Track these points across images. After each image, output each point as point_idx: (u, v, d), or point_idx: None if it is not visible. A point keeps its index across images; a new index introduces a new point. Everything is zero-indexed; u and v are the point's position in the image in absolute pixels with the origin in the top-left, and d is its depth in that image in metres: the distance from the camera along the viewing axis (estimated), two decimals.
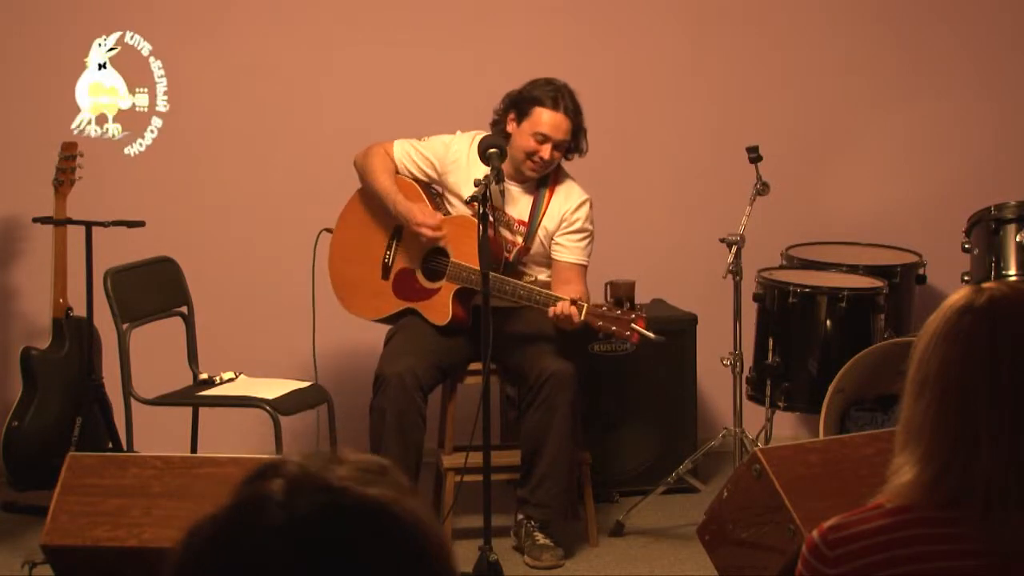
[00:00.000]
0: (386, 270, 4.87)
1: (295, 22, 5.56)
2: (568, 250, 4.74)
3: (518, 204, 4.74)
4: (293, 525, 1.17)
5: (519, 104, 4.70)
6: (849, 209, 5.84)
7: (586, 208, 4.76)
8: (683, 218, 5.78)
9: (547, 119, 4.65)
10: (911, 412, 1.87)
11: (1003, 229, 5.08)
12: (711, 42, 5.80)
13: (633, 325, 4.34)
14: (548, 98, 4.66)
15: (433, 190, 4.87)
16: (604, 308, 4.40)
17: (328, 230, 4.95)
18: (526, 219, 4.74)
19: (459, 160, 4.75)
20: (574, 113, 4.68)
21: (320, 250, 4.94)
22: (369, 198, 4.89)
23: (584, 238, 4.75)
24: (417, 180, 4.84)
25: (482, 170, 4.46)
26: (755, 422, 5.10)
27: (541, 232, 4.75)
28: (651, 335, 4.36)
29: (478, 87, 5.15)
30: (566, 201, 4.75)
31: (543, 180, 4.78)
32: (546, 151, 4.64)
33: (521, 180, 4.75)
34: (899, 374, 1.96)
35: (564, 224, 4.74)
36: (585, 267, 4.75)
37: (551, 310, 4.46)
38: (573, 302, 4.44)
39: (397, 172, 4.84)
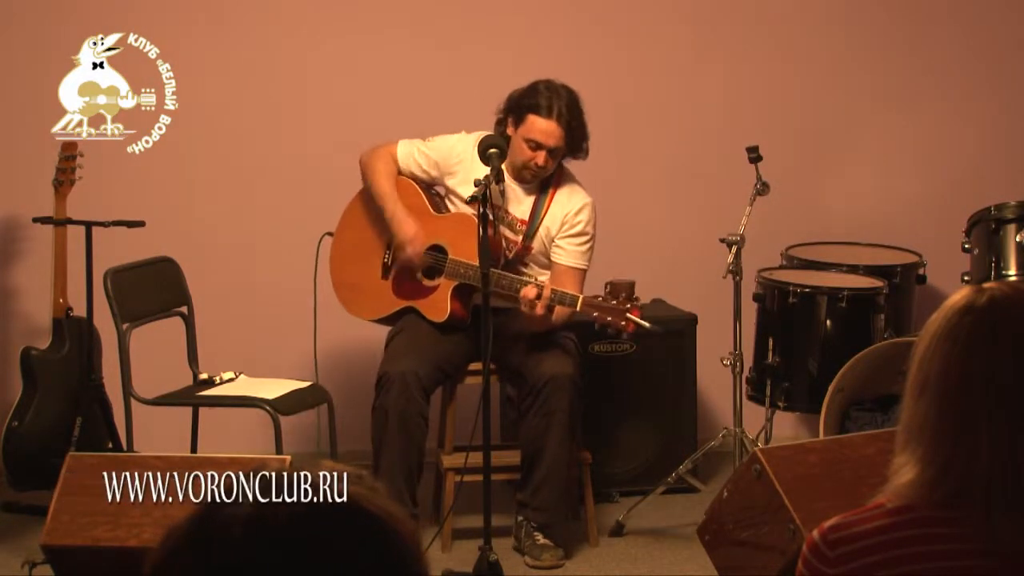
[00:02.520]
0: (386, 270, 4.88)
1: (296, 23, 5.56)
2: (567, 253, 4.74)
3: (521, 203, 4.75)
4: (262, 514, 1.20)
5: (516, 109, 4.70)
6: (849, 209, 5.84)
7: (588, 211, 4.75)
8: (683, 218, 5.77)
9: (539, 127, 4.64)
10: (911, 412, 1.87)
11: (1003, 229, 5.08)
12: (712, 42, 5.80)
13: (628, 315, 4.34)
14: (542, 106, 4.65)
15: (434, 191, 4.88)
16: (599, 299, 4.40)
17: (330, 234, 4.96)
18: (527, 218, 4.74)
19: (463, 160, 4.75)
20: (568, 119, 4.64)
21: (322, 252, 4.95)
22: (370, 200, 4.90)
23: (585, 242, 4.75)
24: (418, 180, 4.84)
25: (484, 170, 4.50)
26: (755, 422, 5.10)
27: (542, 232, 4.75)
28: (646, 324, 4.36)
29: (482, 86, 5.14)
30: (568, 203, 4.75)
31: (546, 181, 4.78)
32: (540, 158, 4.64)
33: (524, 180, 4.76)
34: (899, 374, 1.96)
35: (565, 227, 4.74)
36: (583, 271, 4.74)
37: (520, 295, 4.47)
38: (537, 285, 4.45)
39: (400, 173, 4.85)
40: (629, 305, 4.35)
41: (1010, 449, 1.81)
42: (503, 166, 4.67)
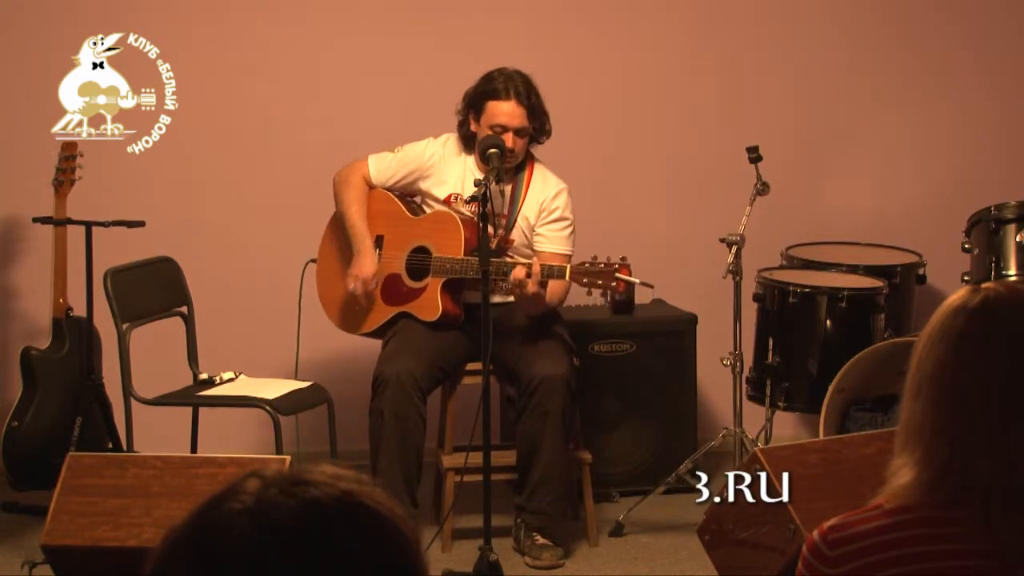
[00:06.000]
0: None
1: (297, 24, 5.56)
2: (549, 240, 4.75)
3: (496, 198, 4.75)
4: (261, 509, 1.21)
5: (473, 103, 4.73)
6: (849, 209, 5.84)
7: (564, 196, 4.76)
8: (683, 218, 5.77)
9: (501, 109, 4.67)
10: (910, 412, 1.87)
11: (1003, 229, 5.08)
12: (712, 42, 5.80)
13: (617, 274, 4.35)
14: (499, 90, 4.68)
15: (409, 200, 4.89)
16: (587, 264, 4.40)
17: (313, 261, 4.98)
18: (505, 211, 4.75)
19: (435, 164, 4.81)
20: (526, 97, 4.68)
21: (307, 279, 4.98)
22: None
23: (566, 227, 4.76)
24: (395, 191, 4.86)
25: (457, 168, 4.63)
26: (755, 422, 5.10)
27: (521, 222, 4.76)
28: (636, 280, 4.38)
29: None
30: (543, 191, 4.77)
31: (518, 171, 4.79)
32: (508, 139, 4.65)
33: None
34: (899, 374, 1.96)
35: (544, 214, 4.75)
36: (568, 257, 4.73)
37: (510, 277, 4.47)
38: (525, 264, 4.45)
39: (373, 188, 4.85)
40: (617, 264, 4.35)
41: (1007, 449, 1.81)
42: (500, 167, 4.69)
